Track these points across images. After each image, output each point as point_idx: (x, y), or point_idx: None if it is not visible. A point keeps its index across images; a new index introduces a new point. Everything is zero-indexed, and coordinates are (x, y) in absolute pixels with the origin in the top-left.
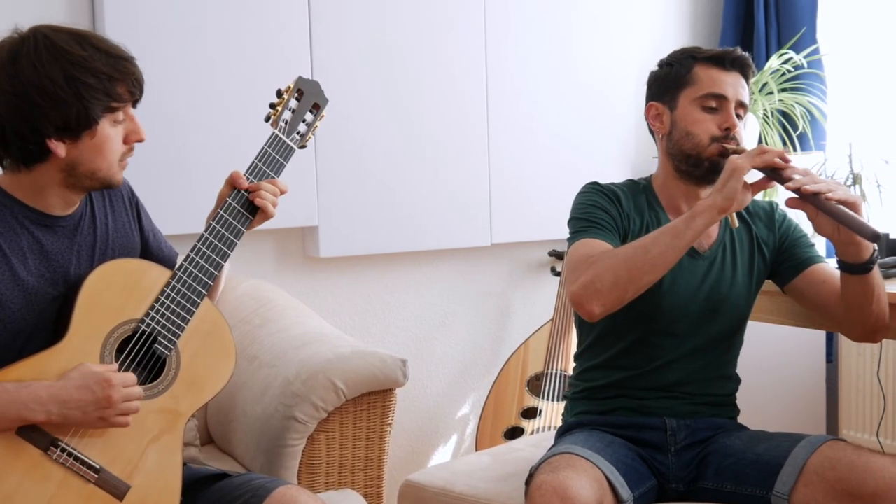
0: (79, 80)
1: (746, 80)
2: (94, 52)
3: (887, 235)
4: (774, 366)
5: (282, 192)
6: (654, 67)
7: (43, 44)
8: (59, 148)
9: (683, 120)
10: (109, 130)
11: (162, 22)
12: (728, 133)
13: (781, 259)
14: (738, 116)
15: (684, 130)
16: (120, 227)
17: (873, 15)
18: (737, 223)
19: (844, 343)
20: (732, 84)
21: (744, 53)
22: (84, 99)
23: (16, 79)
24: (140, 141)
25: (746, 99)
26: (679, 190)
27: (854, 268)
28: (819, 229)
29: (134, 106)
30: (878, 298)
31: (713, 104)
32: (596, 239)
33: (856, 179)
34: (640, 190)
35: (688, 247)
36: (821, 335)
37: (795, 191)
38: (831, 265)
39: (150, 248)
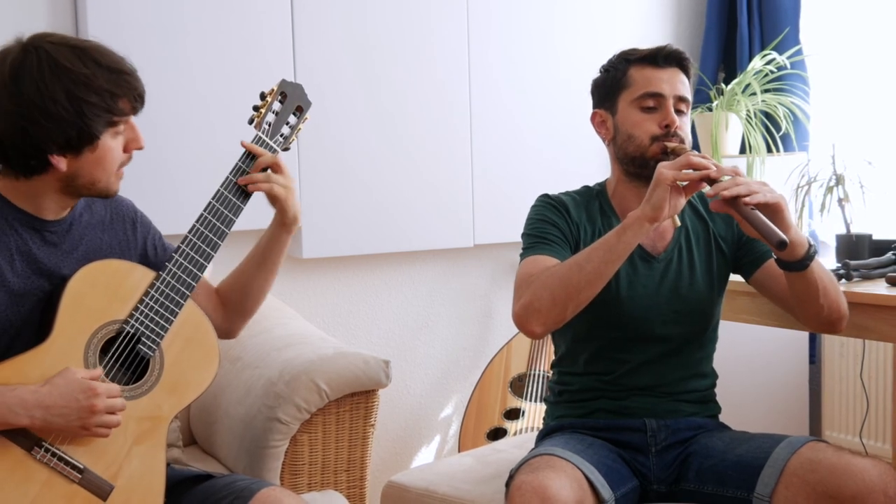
0: (81, 100)
1: (686, 73)
2: (96, 68)
3: (870, 237)
4: (757, 366)
5: (273, 169)
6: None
7: (45, 61)
8: (61, 163)
9: (624, 123)
10: (110, 143)
11: (144, 23)
12: (668, 130)
13: (741, 254)
14: (680, 112)
15: (626, 133)
16: (115, 244)
17: (856, 16)
18: (678, 223)
19: (827, 344)
20: (669, 80)
21: (676, 48)
22: (86, 117)
23: (18, 97)
24: (139, 149)
25: (686, 93)
26: (630, 193)
27: (790, 265)
28: (747, 231)
29: (136, 114)
30: (824, 291)
31: (651, 103)
32: (543, 255)
33: (839, 180)
34: (593, 196)
35: (622, 259)
36: (804, 336)
37: (716, 195)
38: None
39: (150, 265)
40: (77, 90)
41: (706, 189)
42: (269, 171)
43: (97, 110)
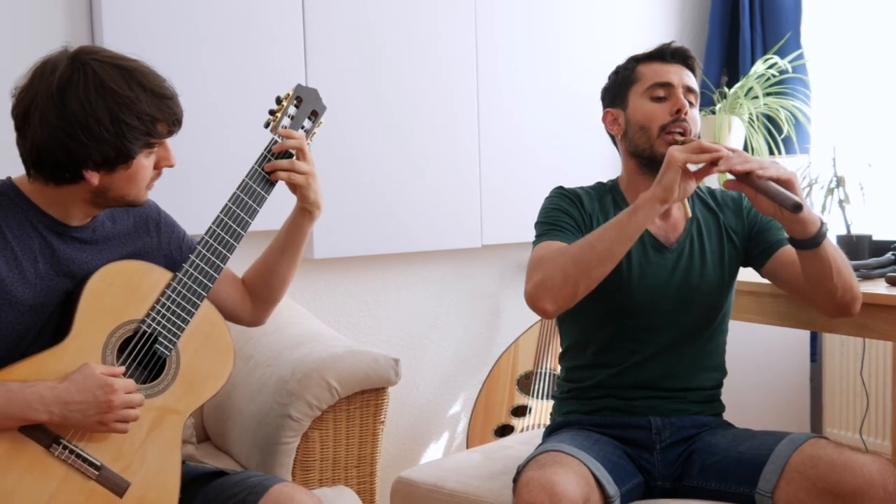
0: (123, 122)
1: (692, 70)
2: (140, 91)
3: (870, 237)
4: (760, 365)
5: (298, 155)
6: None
7: (92, 80)
8: (94, 177)
9: (635, 114)
10: (144, 161)
11: (159, 30)
12: (679, 115)
13: (752, 245)
14: (689, 103)
15: (637, 126)
16: (140, 247)
17: (857, 20)
18: (689, 212)
19: (828, 343)
20: (676, 73)
21: (682, 45)
22: (125, 138)
23: (62, 112)
24: (170, 167)
25: (694, 85)
26: (643, 185)
27: (803, 243)
28: (760, 209)
29: (173, 135)
30: (838, 271)
31: (661, 93)
32: (554, 241)
33: (839, 182)
34: (606, 191)
35: (633, 239)
36: (805, 335)
37: (729, 172)
38: None
39: (177, 264)
40: (120, 112)
41: (718, 168)
42: (293, 158)
43: (137, 133)
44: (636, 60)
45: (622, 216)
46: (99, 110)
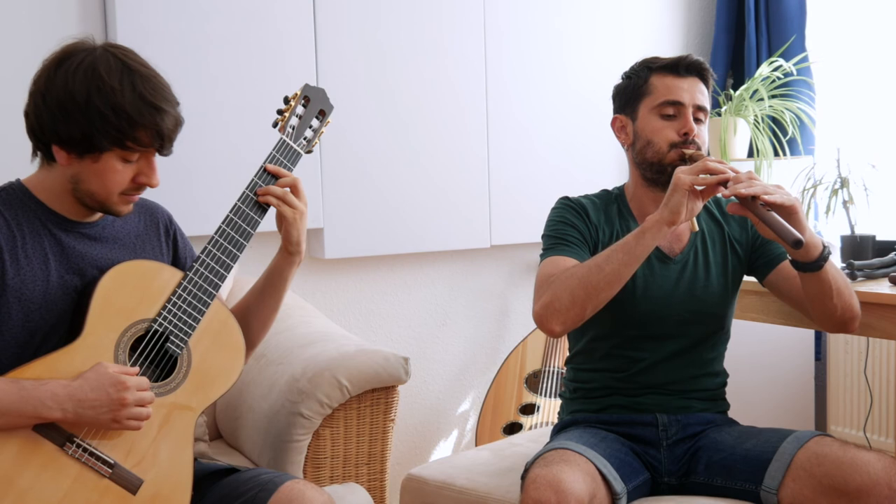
0: (97, 109)
1: (705, 83)
2: (129, 89)
3: (873, 237)
4: (765, 363)
5: (290, 187)
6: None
7: (88, 62)
8: (60, 156)
9: (644, 129)
10: (116, 164)
11: (171, 30)
12: (687, 137)
13: (756, 256)
14: (698, 120)
15: (645, 139)
16: (149, 250)
17: (861, 23)
18: (696, 227)
19: (833, 341)
20: (688, 90)
21: (698, 59)
22: (95, 126)
23: (49, 84)
24: (150, 186)
25: (705, 103)
26: (648, 197)
27: (804, 266)
28: (763, 233)
29: (161, 153)
30: (838, 292)
31: (671, 111)
32: (562, 256)
33: (843, 183)
34: (612, 199)
35: (641, 261)
36: (810, 334)
37: (734, 196)
38: None
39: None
40: (97, 98)
41: (723, 191)
42: (287, 190)
43: (108, 126)
44: (650, 69)
45: (630, 238)
46: (78, 90)
